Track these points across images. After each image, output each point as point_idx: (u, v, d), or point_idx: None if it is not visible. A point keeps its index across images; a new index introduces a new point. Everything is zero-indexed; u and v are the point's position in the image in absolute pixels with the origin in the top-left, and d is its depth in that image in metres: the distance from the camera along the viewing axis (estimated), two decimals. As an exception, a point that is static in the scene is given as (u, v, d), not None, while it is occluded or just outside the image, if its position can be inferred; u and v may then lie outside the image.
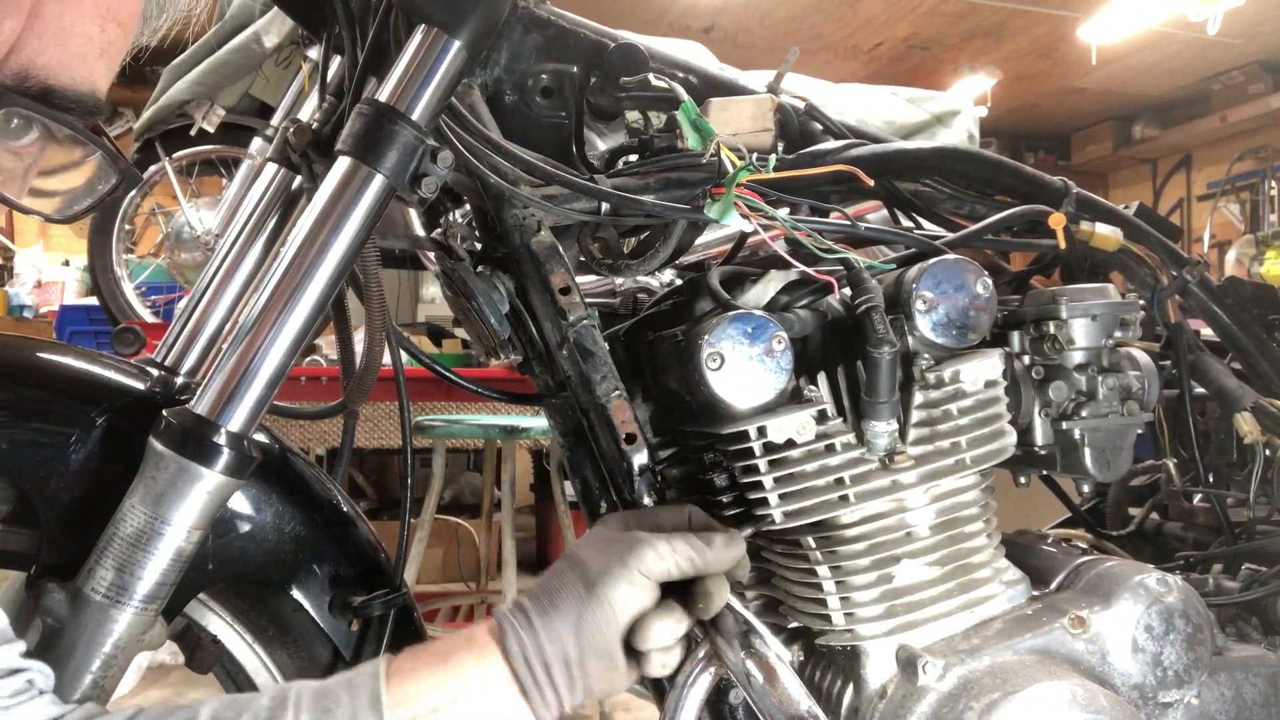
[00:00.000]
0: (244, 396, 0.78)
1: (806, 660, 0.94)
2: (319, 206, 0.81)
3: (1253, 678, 0.95)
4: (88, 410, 0.86)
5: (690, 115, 0.96)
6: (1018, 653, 0.86)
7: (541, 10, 0.99)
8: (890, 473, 0.87)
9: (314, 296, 0.80)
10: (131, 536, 0.75)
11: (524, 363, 1.12)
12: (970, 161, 1.07)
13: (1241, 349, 1.16)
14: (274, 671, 0.97)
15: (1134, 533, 1.27)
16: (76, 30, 0.56)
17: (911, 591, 0.87)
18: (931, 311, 0.90)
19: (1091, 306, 0.97)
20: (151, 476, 0.76)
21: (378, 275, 0.98)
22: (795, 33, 5.67)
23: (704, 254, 1.25)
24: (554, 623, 0.73)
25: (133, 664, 0.79)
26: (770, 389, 0.85)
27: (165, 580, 0.77)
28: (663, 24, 5.51)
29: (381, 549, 1.02)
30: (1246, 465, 1.15)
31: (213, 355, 1.08)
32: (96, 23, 0.57)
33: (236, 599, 0.95)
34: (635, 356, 1.02)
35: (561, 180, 0.91)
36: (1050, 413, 0.98)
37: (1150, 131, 7.43)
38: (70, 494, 0.83)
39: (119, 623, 0.75)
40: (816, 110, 1.11)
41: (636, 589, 0.74)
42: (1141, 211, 1.14)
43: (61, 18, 0.55)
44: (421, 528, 2.67)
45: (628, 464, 0.86)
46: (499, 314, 0.95)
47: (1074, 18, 5.59)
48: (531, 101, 0.97)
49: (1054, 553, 1.01)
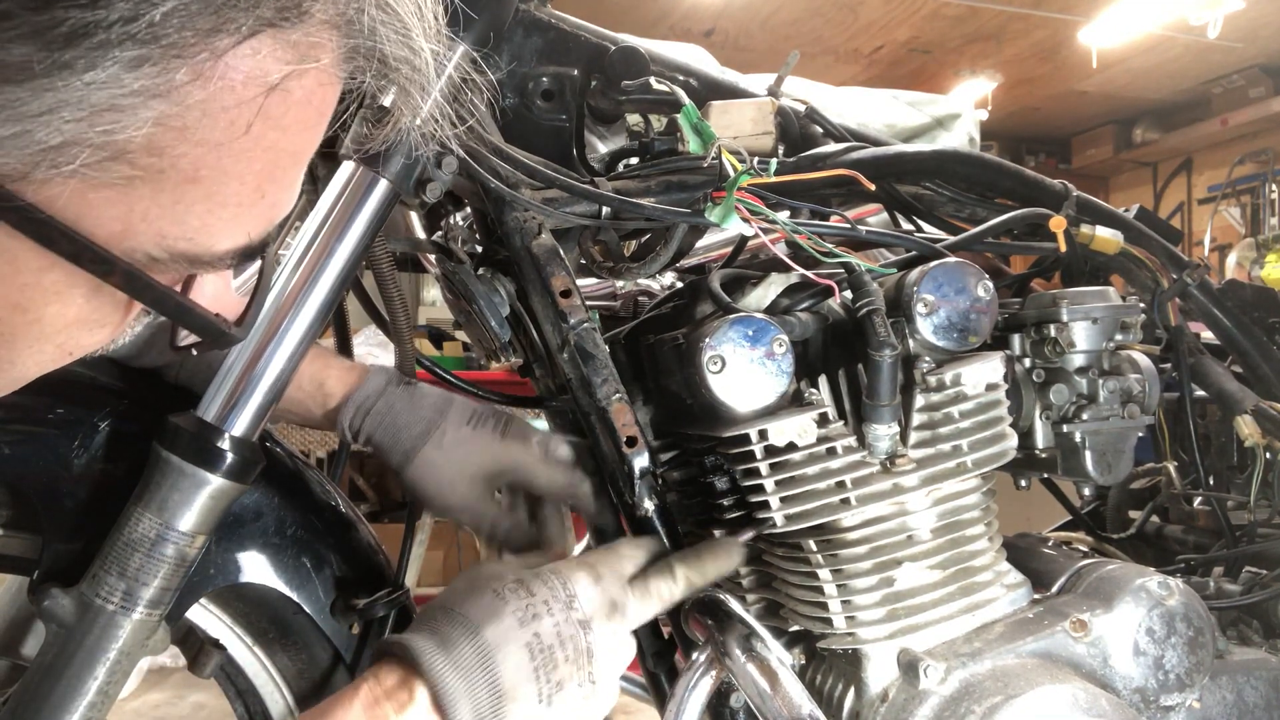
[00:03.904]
0: (248, 401, 0.78)
1: (808, 664, 0.94)
2: (323, 211, 0.81)
3: (1254, 681, 0.95)
4: (90, 415, 0.86)
5: (691, 118, 0.96)
6: (1019, 656, 0.86)
7: (542, 13, 0.99)
8: (891, 476, 0.87)
9: (319, 301, 0.80)
10: (135, 541, 0.75)
11: (525, 366, 1.12)
12: (971, 165, 1.07)
13: (1242, 352, 1.16)
14: (275, 675, 0.97)
15: (1135, 536, 1.27)
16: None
17: (913, 595, 0.87)
18: (932, 314, 0.90)
19: (1092, 309, 0.97)
20: (155, 481, 0.76)
21: (395, 279, 0.98)
22: (796, 36, 5.67)
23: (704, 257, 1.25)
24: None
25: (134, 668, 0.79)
26: (771, 392, 0.86)
27: (169, 585, 0.76)
28: (664, 27, 5.50)
29: (382, 552, 1.02)
30: (1247, 468, 1.15)
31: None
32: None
33: (237, 602, 0.95)
34: (636, 360, 1.02)
35: (562, 184, 0.91)
36: (1051, 415, 0.98)
37: (1151, 135, 7.42)
38: (73, 499, 0.83)
39: (123, 628, 0.75)
40: (817, 113, 1.11)
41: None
42: (1142, 215, 1.14)
43: None
44: (422, 530, 2.67)
45: (628, 467, 0.86)
46: (500, 317, 0.95)
47: (1075, 21, 5.59)
48: (532, 104, 0.98)
49: (1055, 556, 1.01)
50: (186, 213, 0.47)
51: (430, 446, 0.89)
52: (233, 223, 0.49)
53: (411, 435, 0.89)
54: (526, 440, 0.92)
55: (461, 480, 0.90)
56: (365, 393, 0.91)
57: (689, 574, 0.81)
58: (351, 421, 0.91)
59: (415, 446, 0.89)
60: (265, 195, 0.50)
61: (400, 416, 0.90)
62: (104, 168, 0.43)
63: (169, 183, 0.45)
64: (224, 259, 0.50)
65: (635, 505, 0.87)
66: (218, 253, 0.50)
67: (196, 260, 0.49)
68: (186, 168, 0.45)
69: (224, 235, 0.49)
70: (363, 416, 0.90)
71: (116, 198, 0.45)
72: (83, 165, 0.43)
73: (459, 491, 0.90)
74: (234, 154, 0.47)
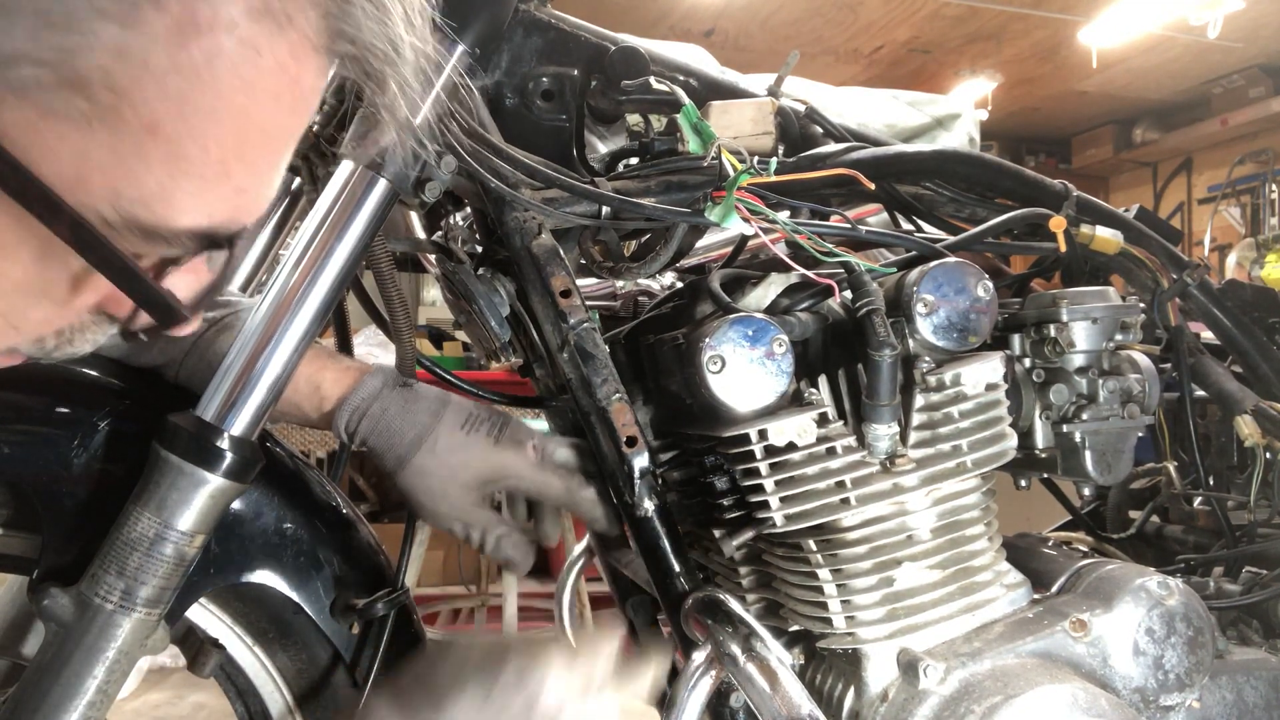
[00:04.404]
0: (247, 401, 0.78)
1: (807, 663, 0.94)
2: (322, 210, 0.81)
3: (1254, 681, 0.95)
4: (90, 414, 0.86)
5: (691, 118, 0.96)
6: (1019, 656, 0.86)
7: (542, 13, 0.99)
8: (891, 475, 0.87)
9: (318, 301, 0.80)
10: (134, 541, 0.75)
11: (525, 365, 1.12)
12: (971, 165, 1.07)
13: (1242, 352, 1.16)
14: (274, 674, 0.97)
15: (1134, 536, 1.27)
16: None
17: (913, 594, 0.87)
18: (932, 314, 0.90)
19: (1092, 309, 0.97)
20: (154, 481, 0.76)
21: (395, 279, 0.98)
22: (796, 36, 5.67)
23: (704, 257, 1.25)
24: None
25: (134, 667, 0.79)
26: (771, 392, 0.86)
27: (168, 585, 0.77)
28: (663, 27, 5.50)
29: (382, 552, 1.02)
30: (1247, 468, 1.15)
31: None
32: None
33: (237, 602, 0.95)
34: (636, 359, 1.02)
35: (562, 184, 0.91)
36: (1051, 415, 0.98)
37: (1151, 135, 7.42)
38: (72, 498, 0.83)
39: (122, 627, 0.75)
40: (817, 113, 1.11)
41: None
42: (1142, 214, 1.14)
43: None
44: (421, 530, 2.66)
45: (628, 467, 0.86)
46: (500, 317, 0.95)
47: (1075, 21, 5.59)
48: (532, 105, 0.98)
49: (1055, 556, 1.01)
50: (145, 171, 0.45)
51: (423, 453, 0.88)
52: (194, 197, 0.47)
53: (405, 442, 0.88)
54: (521, 445, 0.91)
55: (453, 487, 0.89)
56: (361, 395, 0.90)
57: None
58: (347, 424, 0.90)
59: (408, 453, 0.88)
60: (231, 175, 0.48)
61: (394, 422, 0.89)
62: (60, 98, 0.42)
63: (128, 130, 0.44)
64: (181, 237, 0.48)
65: (635, 505, 0.87)
66: (175, 228, 0.48)
67: (153, 232, 0.47)
68: (146, 115, 0.44)
69: (183, 209, 0.47)
70: (358, 419, 0.89)
71: (71, 135, 0.43)
72: (37, 87, 0.41)
73: (450, 499, 0.89)
74: (197, 110, 0.45)
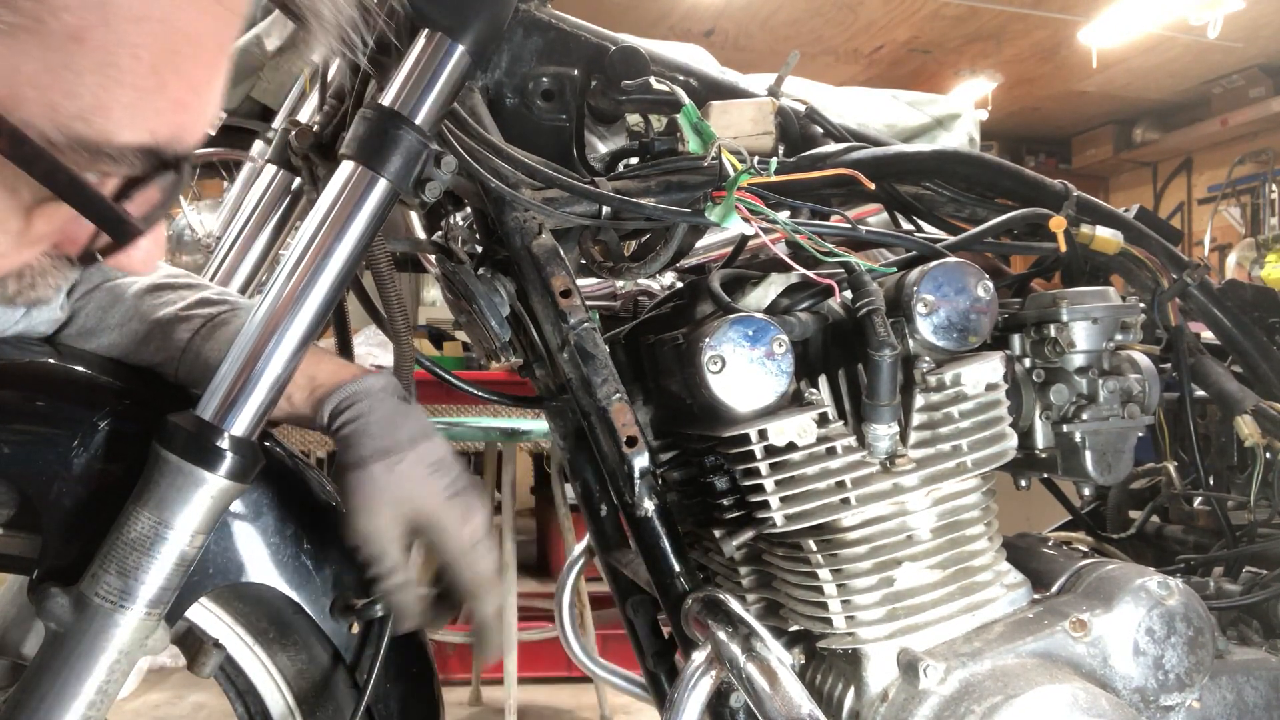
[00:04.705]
0: (247, 401, 0.78)
1: (807, 664, 0.94)
2: (322, 210, 0.81)
3: (1254, 681, 0.95)
4: (90, 414, 0.86)
5: (691, 118, 0.96)
6: (1019, 656, 0.86)
7: (542, 13, 0.99)
8: (891, 475, 0.87)
9: (318, 300, 0.80)
10: (134, 541, 0.75)
11: (524, 365, 1.12)
12: (971, 165, 1.07)
13: (1242, 352, 1.16)
14: (275, 674, 0.97)
15: (1134, 536, 1.27)
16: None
17: (913, 594, 0.87)
18: (932, 314, 0.90)
19: (1092, 309, 0.97)
20: (155, 481, 0.76)
21: (394, 279, 0.98)
22: (796, 36, 5.67)
23: (704, 257, 1.25)
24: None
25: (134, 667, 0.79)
26: (771, 392, 0.86)
27: (168, 585, 0.77)
28: (664, 27, 5.50)
29: (382, 552, 1.01)
30: (1247, 468, 1.15)
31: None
32: None
33: (237, 601, 0.95)
34: (636, 359, 1.02)
35: (562, 184, 0.91)
36: (1051, 415, 0.98)
37: (1151, 135, 7.42)
38: (72, 498, 0.83)
39: (122, 627, 0.75)
40: (817, 113, 1.11)
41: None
42: (1142, 214, 1.14)
43: None
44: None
45: (628, 467, 0.86)
46: (500, 317, 0.95)
47: (1075, 21, 5.59)
48: (532, 104, 0.98)
49: (1055, 556, 1.01)
50: (77, 83, 0.45)
51: (382, 466, 0.86)
52: (131, 109, 0.47)
53: (374, 446, 0.87)
54: (467, 516, 0.89)
55: (389, 511, 0.86)
56: (359, 385, 0.89)
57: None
58: (335, 406, 0.88)
59: (370, 458, 0.86)
60: (166, 85, 0.48)
61: (375, 425, 0.88)
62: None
63: (54, 40, 0.44)
64: (126, 154, 0.48)
65: (635, 505, 0.87)
66: (117, 144, 0.48)
67: (97, 150, 0.47)
68: (70, 22, 0.44)
69: (123, 122, 0.47)
70: (346, 405, 0.88)
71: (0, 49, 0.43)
72: None
73: (379, 521, 0.86)
74: (120, 15, 0.45)
